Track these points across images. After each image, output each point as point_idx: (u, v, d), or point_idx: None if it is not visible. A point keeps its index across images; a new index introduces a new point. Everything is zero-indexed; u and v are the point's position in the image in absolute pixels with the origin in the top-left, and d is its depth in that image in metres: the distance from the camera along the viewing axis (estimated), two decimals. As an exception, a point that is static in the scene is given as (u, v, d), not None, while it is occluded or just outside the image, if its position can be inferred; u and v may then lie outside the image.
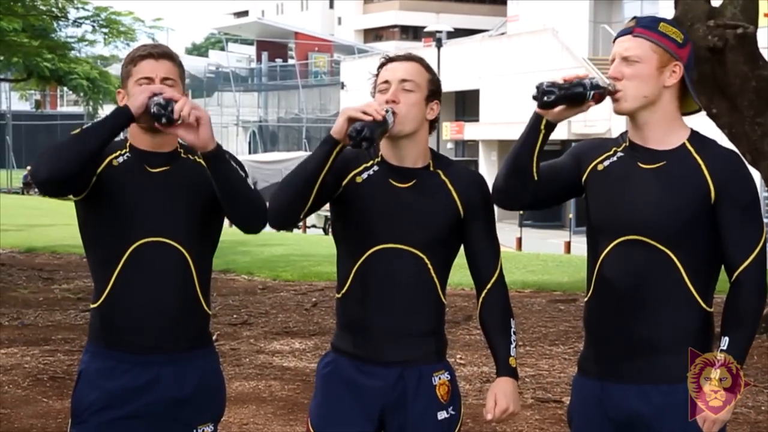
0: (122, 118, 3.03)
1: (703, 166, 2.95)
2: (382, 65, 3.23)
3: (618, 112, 3.01)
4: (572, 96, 2.91)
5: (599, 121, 28.54)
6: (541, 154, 3.02)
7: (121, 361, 3.15)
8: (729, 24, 8.39)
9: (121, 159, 3.18)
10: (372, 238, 3.15)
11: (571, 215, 29.07)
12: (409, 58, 3.22)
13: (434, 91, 3.22)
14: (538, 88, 2.92)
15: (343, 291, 3.22)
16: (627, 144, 3.05)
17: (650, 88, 2.96)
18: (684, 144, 2.99)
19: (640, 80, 2.95)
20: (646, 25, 2.98)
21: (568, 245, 22.60)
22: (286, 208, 3.09)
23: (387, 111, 3.07)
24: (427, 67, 3.24)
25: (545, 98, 2.91)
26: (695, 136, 3.02)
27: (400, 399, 3.17)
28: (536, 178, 3.02)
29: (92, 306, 3.22)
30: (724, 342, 2.91)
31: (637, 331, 2.98)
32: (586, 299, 3.11)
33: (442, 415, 3.19)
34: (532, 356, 8.26)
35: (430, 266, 3.17)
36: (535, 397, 6.90)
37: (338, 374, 3.20)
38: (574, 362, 7.78)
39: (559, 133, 7.31)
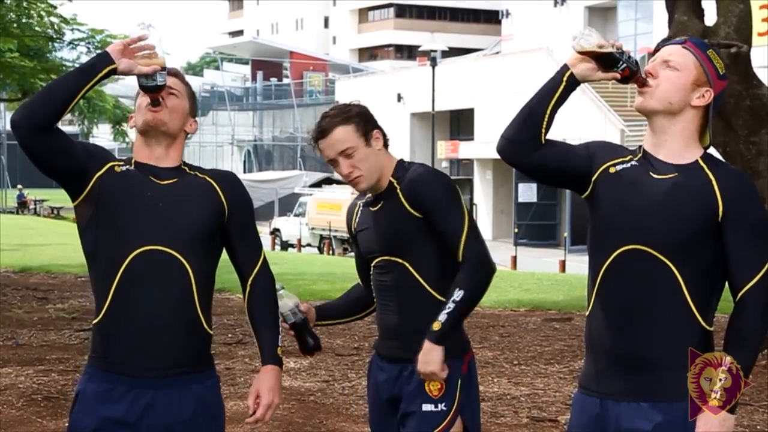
0: (102, 60, 3.06)
1: (715, 183, 2.96)
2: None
3: (639, 108, 3.04)
4: (606, 54, 2.96)
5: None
6: (555, 112, 3.04)
7: (118, 384, 3.13)
8: (723, 43, 8.42)
9: (124, 168, 3.20)
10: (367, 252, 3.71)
11: (566, 234, 29.11)
12: (325, 130, 3.53)
13: (368, 126, 3.53)
14: (580, 31, 3.00)
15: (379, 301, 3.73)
16: (642, 155, 3.08)
17: (677, 98, 2.99)
18: (697, 161, 3.02)
19: (672, 85, 2.99)
20: (698, 44, 3.06)
21: (563, 264, 22.66)
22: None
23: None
24: (347, 119, 3.50)
25: (585, 39, 2.97)
26: (708, 156, 3.05)
27: (398, 392, 3.60)
28: (544, 140, 3.04)
29: (93, 323, 3.21)
30: None
31: (635, 347, 2.97)
32: (587, 314, 3.11)
33: (428, 407, 3.51)
34: (528, 375, 8.25)
35: (412, 270, 3.55)
36: (530, 416, 6.89)
37: (370, 371, 3.77)
38: (570, 381, 7.81)
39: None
